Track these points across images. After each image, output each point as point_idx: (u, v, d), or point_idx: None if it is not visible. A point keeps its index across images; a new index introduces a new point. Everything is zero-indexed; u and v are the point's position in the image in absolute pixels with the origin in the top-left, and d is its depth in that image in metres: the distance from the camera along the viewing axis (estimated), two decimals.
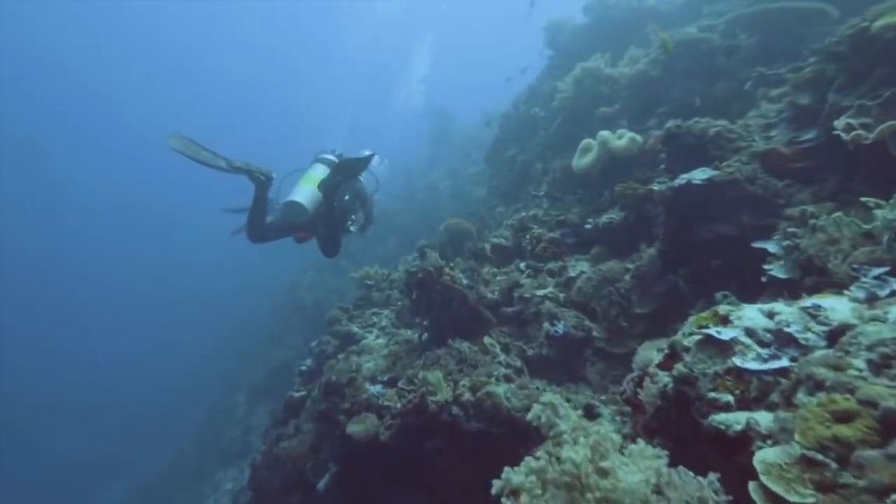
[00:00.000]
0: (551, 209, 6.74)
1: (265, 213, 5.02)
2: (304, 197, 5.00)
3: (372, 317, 7.03)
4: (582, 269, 4.82)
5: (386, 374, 4.81)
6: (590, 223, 5.12)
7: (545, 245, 5.36)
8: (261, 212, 4.97)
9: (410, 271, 4.99)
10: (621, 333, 3.95)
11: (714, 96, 6.17)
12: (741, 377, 1.74)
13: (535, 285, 5.03)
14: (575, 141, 7.85)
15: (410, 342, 5.47)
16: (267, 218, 5.10)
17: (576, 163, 5.52)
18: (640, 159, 5.29)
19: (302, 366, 7.14)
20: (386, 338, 6.16)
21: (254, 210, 4.95)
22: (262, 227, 5.05)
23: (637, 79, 7.15)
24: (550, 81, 9.41)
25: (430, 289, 4.91)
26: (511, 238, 6.19)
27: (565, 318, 4.28)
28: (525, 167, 8.86)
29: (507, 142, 10.34)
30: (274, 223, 5.20)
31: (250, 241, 5.13)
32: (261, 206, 4.95)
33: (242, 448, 13.68)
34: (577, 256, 5.25)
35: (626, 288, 4.04)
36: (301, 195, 5.01)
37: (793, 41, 5.91)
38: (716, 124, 3.90)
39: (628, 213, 4.70)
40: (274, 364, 14.86)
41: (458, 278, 4.93)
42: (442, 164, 19.77)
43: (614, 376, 3.87)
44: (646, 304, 3.87)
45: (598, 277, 4.34)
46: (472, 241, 8.41)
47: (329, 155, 5.49)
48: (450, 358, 4.47)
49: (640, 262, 4.01)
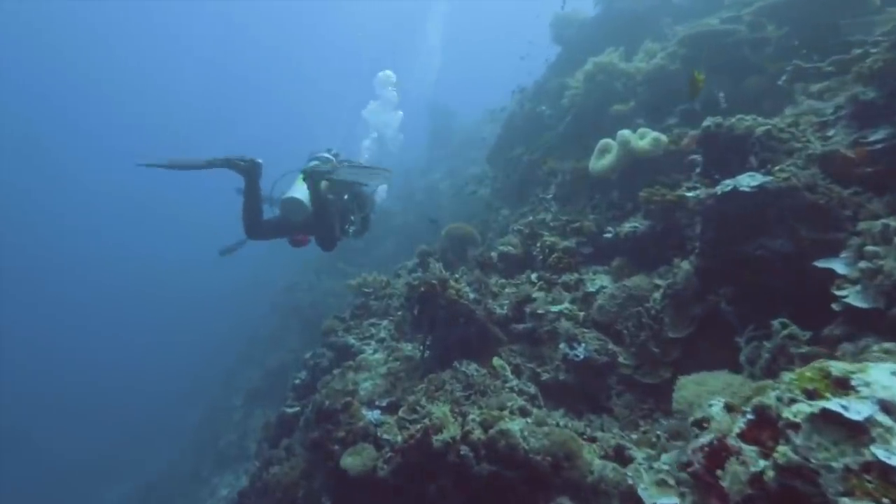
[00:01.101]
0: (561, 213, 6.21)
1: (260, 203, 4.79)
2: (302, 193, 4.74)
3: (370, 328, 6.49)
4: (602, 284, 4.28)
5: (385, 398, 4.27)
6: (609, 232, 4.58)
7: (559, 255, 4.82)
8: (255, 202, 4.73)
9: (412, 284, 4.45)
10: (652, 360, 3.41)
11: (742, 93, 5.63)
12: (888, 479, 1.20)
13: (548, 300, 4.49)
14: (586, 140, 7.34)
15: (411, 359, 4.93)
16: (263, 212, 4.87)
17: (593, 164, 4.97)
18: (664, 162, 4.75)
19: (296, 379, 6.59)
20: (385, 352, 5.62)
21: (247, 200, 4.71)
22: (259, 221, 4.82)
23: (654, 74, 6.60)
24: (558, 77, 8.85)
25: (434, 303, 4.37)
26: (520, 246, 5.65)
27: (586, 340, 3.74)
28: (531, 168, 8.31)
29: (512, 141, 9.79)
30: (272, 220, 4.99)
31: (247, 235, 4.93)
32: (254, 197, 4.70)
33: (239, 452, 13.20)
34: (595, 269, 4.71)
35: (656, 308, 3.50)
36: (299, 192, 4.75)
37: (826, 32, 5.37)
38: (764, 122, 3.36)
39: (655, 221, 4.16)
40: (271, 367, 14.37)
41: (464, 292, 4.39)
42: (442, 164, 19.19)
43: (644, 410, 3.34)
44: (681, 327, 3.34)
45: (623, 295, 3.80)
46: (476, 246, 7.89)
47: (326, 154, 5.23)
48: (455, 382, 3.94)
49: (673, 279, 3.47)
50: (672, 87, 6.48)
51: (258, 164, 4.72)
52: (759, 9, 5.99)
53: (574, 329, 3.87)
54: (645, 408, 3.34)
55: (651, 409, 3.32)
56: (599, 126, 7.05)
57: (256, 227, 4.86)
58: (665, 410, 3.28)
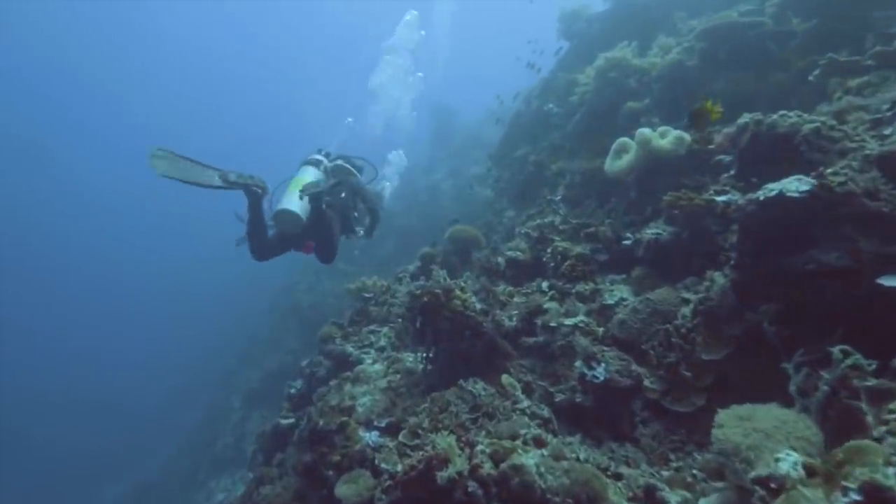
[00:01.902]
0: (570, 216, 5.83)
1: (265, 226, 4.56)
2: (294, 204, 4.40)
3: (369, 335, 6.11)
4: (622, 296, 3.89)
5: (384, 418, 3.88)
6: (628, 238, 4.18)
7: (573, 263, 4.43)
8: (260, 226, 4.51)
9: (414, 293, 4.06)
10: (683, 385, 3.02)
11: (767, 89, 5.24)
12: None
13: (561, 311, 4.10)
14: (596, 140, 6.95)
15: (413, 373, 4.55)
16: (268, 232, 4.65)
17: (609, 165, 4.58)
18: (686, 163, 4.35)
19: (291, 388, 6.22)
20: (384, 363, 5.24)
21: (252, 225, 4.48)
22: (266, 243, 4.63)
23: (671, 70, 6.20)
24: (566, 74, 8.45)
25: (437, 315, 3.98)
26: (529, 251, 5.26)
27: (606, 360, 3.35)
28: (538, 168, 7.92)
29: (517, 140, 9.39)
30: (275, 237, 4.75)
31: (256, 259, 4.73)
32: (259, 220, 4.47)
33: (235, 455, 12.87)
34: (612, 278, 4.32)
35: (686, 326, 3.11)
36: (291, 202, 4.40)
37: (856, 25, 4.97)
38: (813, 119, 2.97)
39: (680, 228, 3.77)
40: (270, 368, 14.06)
41: (470, 303, 4.00)
42: (443, 163, 18.76)
43: (675, 442, 2.95)
44: (715, 348, 2.95)
45: (648, 309, 3.42)
46: (481, 249, 7.50)
47: (317, 155, 4.96)
48: (461, 402, 3.55)
49: (706, 294, 3.08)
50: (690, 83, 6.09)
51: (268, 189, 4.48)
52: (783, 0, 5.58)
53: (592, 346, 3.48)
54: (675, 439, 2.95)
55: (682, 441, 2.93)
56: (611, 125, 6.67)
57: (262, 249, 4.63)
58: (698, 443, 2.91)
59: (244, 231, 4.61)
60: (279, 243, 4.78)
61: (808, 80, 4.83)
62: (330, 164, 4.98)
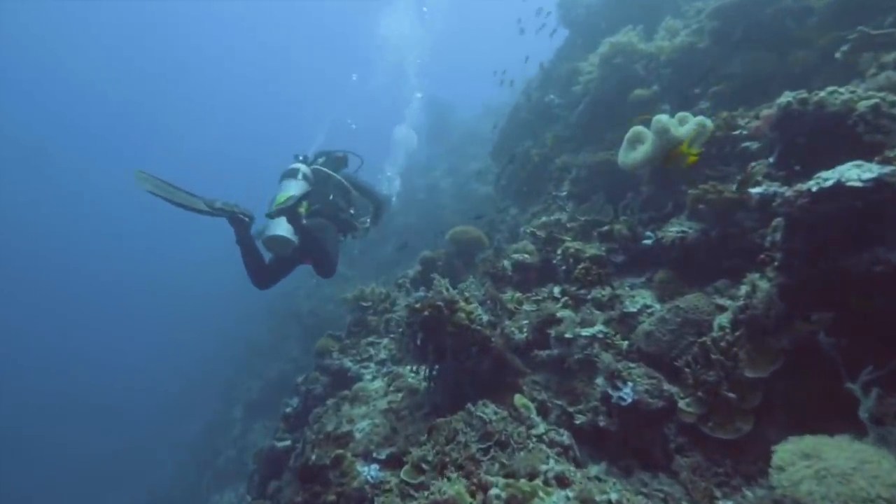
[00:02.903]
0: (578, 213, 5.41)
1: (259, 254, 4.37)
2: (281, 228, 4.16)
3: (368, 348, 5.72)
4: (645, 303, 3.47)
5: (384, 449, 3.48)
6: (648, 238, 3.76)
7: (587, 266, 4.01)
8: (254, 254, 4.32)
9: (414, 307, 3.64)
10: (725, 408, 2.61)
11: (788, 70, 4.81)
12: None
13: (577, 321, 3.69)
14: (602, 131, 6.54)
15: (415, 392, 4.14)
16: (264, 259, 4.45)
17: (623, 157, 4.15)
18: (708, 151, 3.93)
19: (287, 407, 5.82)
20: (385, 379, 4.84)
21: (246, 255, 4.29)
22: (264, 270, 4.43)
23: (681, 53, 5.79)
24: (568, 63, 8.02)
25: (440, 330, 3.57)
26: (536, 253, 4.85)
27: (633, 378, 2.94)
28: (541, 163, 7.49)
29: (518, 134, 8.96)
30: (273, 262, 4.55)
31: (259, 288, 4.55)
32: (251, 249, 4.29)
33: (238, 469, 12.49)
34: (631, 281, 3.90)
35: (727, 339, 2.69)
36: (279, 226, 4.17)
37: None
38: (870, 96, 2.54)
39: (708, 225, 3.34)
40: (270, 377, 13.69)
41: (476, 316, 3.59)
42: (441, 160, 18.29)
43: (719, 476, 2.53)
44: (762, 364, 2.53)
45: (678, 319, 2.99)
46: (485, 250, 7.10)
47: (295, 164, 4.64)
48: (469, 430, 3.14)
49: (747, 301, 2.66)
50: (703, 66, 5.66)
51: (254, 218, 4.24)
52: None
53: (616, 362, 3.07)
54: (720, 472, 2.53)
55: (728, 474, 2.52)
56: (618, 114, 6.24)
57: (262, 277, 4.43)
58: (747, 475, 2.49)
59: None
60: (278, 267, 4.55)
61: (832, 57, 4.41)
62: (308, 168, 4.64)
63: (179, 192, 3.92)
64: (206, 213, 4.01)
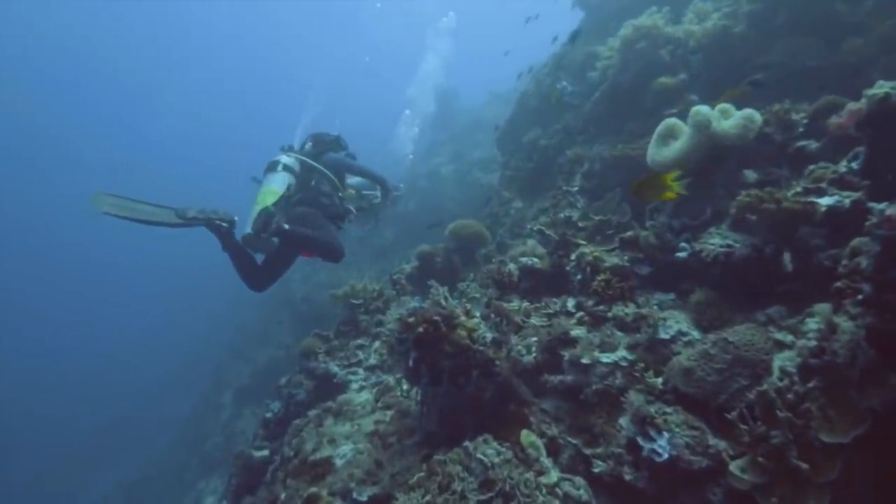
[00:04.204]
0: (591, 210, 4.81)
1: (250, 257, 4.01)
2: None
3: (357, 351, 5.16)
4: (680, 328, 2.89)
5: (366, 489, 2.91)
6: (684, 249, 3.17)
7: (607, 278, 3.43)
8: (244, 258, 3.95)
9: (406, 322, 3.05)
10: (792, 478, 2.05)
11: (841, 59, 4.19)
12: None
13: (595, 343, 3.11)
14: (621, 121, 5.91)
15: (406, 414, 3.58)
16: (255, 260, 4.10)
17: (654, 154, 3.54)
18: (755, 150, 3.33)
19: (268, 411, 5.27)
20: (373, 392, 4.28)
21: (236, 260, 3.92)
22: (257, 273, 4.04)
23: (713, 38, 5.15)
24: (582, 47, 7.35)
25: (437, 350, 2.99)
26: (547, 258, 4.26)
27: (670, 427, 2.37)
28: (551, 154, 6.88)
29: (525, 122, 8.31)
30: (266, 261, 4.17)
31: (255, 291, 4.17)
32: (240, 253, 3.92)
33: (225, 455, 12.04)
34: (659, 297, 3.32)
35: (796, 389, 2.12)
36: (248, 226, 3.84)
37: None
38: None
39: (762, 240, 2.75)
40: (261, 364, 13.23)
41: (479, 335, 3.01)
42: (444, 147, 17.58)
43: None
44: (841, 427, 1.97)
45: (727, 356, 2.41)
46: (486, 245, 6.51)
47: (277, 156, 4.25)
48: (468, 475, 2.59)
49: (826, 344, 2.09)
50: (737, 54, 5.03)
51: (234, 221, 3.88)
52: None
53: (647, 405, 2.50)
54: None
55: None
56: (639, 104, 5.62)
57: (257, 280, 4.05)
58: None
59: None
60: (273, 265, 4.17)
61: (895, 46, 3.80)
62: (292, 157, 4.25)
63: (144, 207, 3.60)
64: (179, 225, 3.67)
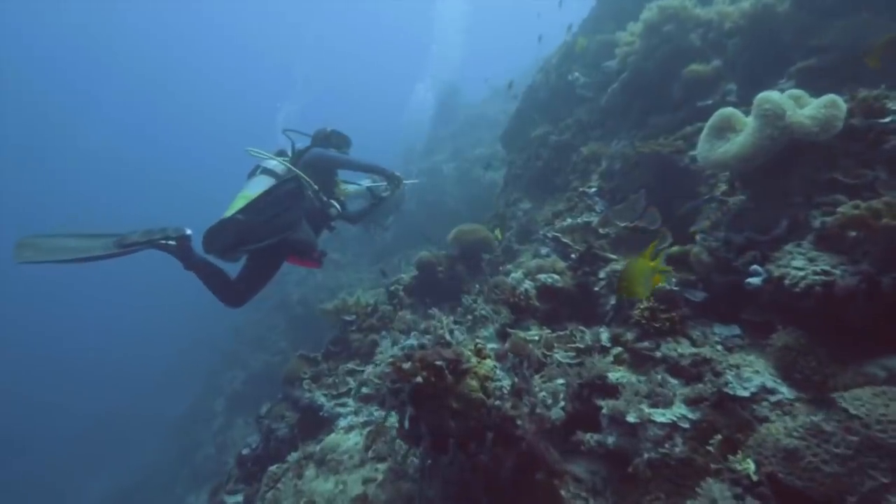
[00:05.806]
0: (613, 215, 4.10)
1: (220, 271, 3.61)
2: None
3: (347, 378, 4.43)
4: (762, 383, 2.16)
5: None
6: (757, 273, 2.43)
7: (651, 306, 2.70)
8: (212, 274, 3.56)
9: (401, 367, 2.32)
10: None
11: None
12: None
13: (642, 392, 2.40)
14: (642, 114, 5.19)
15: (402, 475, 2.87)
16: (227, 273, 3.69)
17: (707, 151, 2.81)
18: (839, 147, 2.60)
19: (244, 448, 4.57)
20: (364, 434, 3.56)
21: (202, 276, 3.54)
22: (231, 285, 3.63)
23: (753, 19, 4.41)
24: (596, 36, 6.60)
25: (440, 405, 2.27)
26: (569, 274, 3.54)
27: None
28: (563, 151, 6.15)
29: (533, 117, 7.58)
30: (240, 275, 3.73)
31: (233, 307, 3.73)
32: (204, 268, 3.52)
33: (216, 468, 11.37)
34: (719, 333, 2.59)
35: None
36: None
37: None
38: None
39: (875, 266, 2.03)
40: (255, 370, 12.57)
41: (495, 386, 2.29)
42: (445, 144, 16.82)
43: None
44: None
45: (853, 438, 1.70)
46: (492, 252, 5.81)
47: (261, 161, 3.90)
48: None
49: None
50: (781, 37, 4.30)
51: (187, 236, 3.45)
52: None
53: (732, 498, 1.78)
54: None
55: None
56: (665, 95, 4.90)
57: (234, 295, 3.64)
58: None
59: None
60: (248, 280, 3.72)
61: None
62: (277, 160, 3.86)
63: (76, 243, 3.16)
64: (118, 254, 3.20)
